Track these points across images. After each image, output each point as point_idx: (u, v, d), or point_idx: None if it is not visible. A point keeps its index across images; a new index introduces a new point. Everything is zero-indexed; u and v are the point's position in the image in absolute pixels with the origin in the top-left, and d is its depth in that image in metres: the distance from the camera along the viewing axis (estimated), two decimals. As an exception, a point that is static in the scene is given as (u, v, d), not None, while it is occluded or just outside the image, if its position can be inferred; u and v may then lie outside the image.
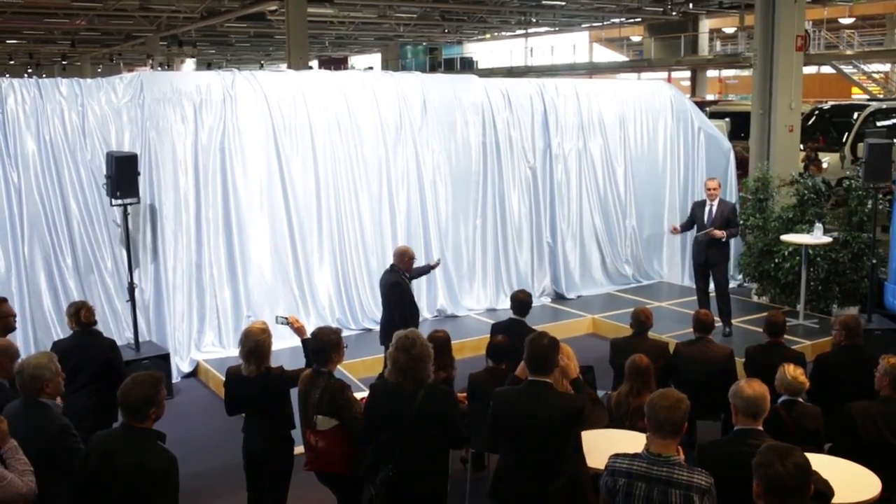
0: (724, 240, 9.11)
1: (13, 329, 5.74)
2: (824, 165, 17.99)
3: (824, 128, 19.90)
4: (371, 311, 9.68)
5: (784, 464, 3.14)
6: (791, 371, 5.03)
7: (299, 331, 5.20)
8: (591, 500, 4.21)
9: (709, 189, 9.34)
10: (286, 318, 5.28)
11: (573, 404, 4.24)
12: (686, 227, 9.65)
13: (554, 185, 11.05)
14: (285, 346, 6.58)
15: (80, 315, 5.98)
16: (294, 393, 4.87)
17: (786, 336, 6.55)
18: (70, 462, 4.05)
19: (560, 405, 4.20)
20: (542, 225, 11.06)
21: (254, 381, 4.88)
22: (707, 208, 9.24)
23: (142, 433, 3.84)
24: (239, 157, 8.94)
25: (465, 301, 10.44)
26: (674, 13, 31.06)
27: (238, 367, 5.01)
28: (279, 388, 4.94)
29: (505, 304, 9.30)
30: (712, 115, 17.89)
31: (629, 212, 11.77)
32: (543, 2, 27.98)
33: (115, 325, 8.35)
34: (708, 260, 9.26)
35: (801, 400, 5.07)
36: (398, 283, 7.34)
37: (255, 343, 4.87)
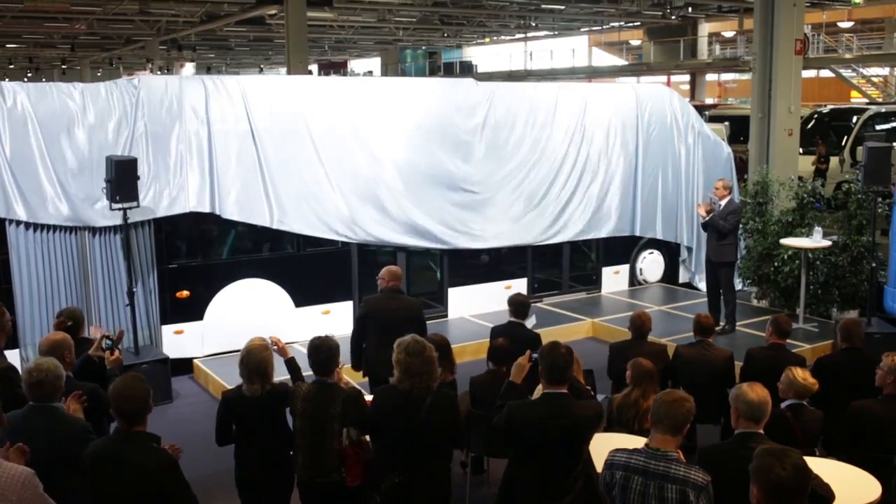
0: (703, 219, 9.49)
1: (10, 334, 5.68)
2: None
3: (823, 131, 19.91)
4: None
5: (784, 466, 3.13)
6: (801, 374, 5.01)
7: (282, 351, 5.11)
8: (604, 501, 4.20)
9: (715, 188, 9.74)
10: (269, 339, 5.11)
11: (593, 411, 4.25)
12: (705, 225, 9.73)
13: (555, 186, 11.01)
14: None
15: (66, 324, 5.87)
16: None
17: (787, 340, 6.56)
18: None
19: (582, 414, 4.18)
20: (545, 225, 11.02)
21: (258, 401, 4.63)
22: (715, 206, 9.57)
23: (140, 437, 3.85)
24: (240, 158, 8.91)
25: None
26: (673, 17, 31.08)
27: (235, 389, 4.79)
28: (285, 405, 4.72)
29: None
30: (711, 119, 17.93)
31: (630, 214, 11.74)
32: (543, 6, 28.00)
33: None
34: (710, 255, 9.62)
35: (805, 403, 5.06)
36: (421, 304, 7.03)
37: (260, 361, 4.62)
